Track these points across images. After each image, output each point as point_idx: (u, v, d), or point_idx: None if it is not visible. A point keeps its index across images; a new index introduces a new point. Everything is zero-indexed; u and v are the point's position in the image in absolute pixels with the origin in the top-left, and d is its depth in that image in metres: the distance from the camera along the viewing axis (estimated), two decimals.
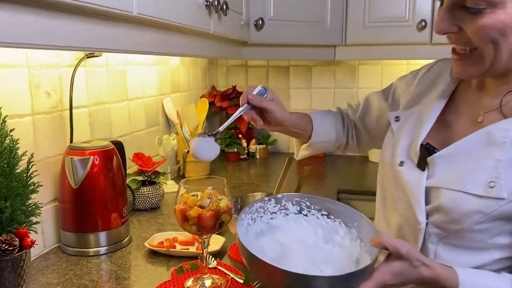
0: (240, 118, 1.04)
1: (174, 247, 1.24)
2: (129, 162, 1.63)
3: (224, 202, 0.99)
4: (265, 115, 1.07)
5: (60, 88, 1.30)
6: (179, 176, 2.08)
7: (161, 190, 1.63)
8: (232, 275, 1.08)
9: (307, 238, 0.87)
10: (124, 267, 1.16)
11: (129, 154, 1.60)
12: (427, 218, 0.85)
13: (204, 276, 1.04)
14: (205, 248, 1.02)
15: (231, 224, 1.06)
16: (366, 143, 1.29)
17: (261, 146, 2.44)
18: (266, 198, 0.92)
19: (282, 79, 2.57)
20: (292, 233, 0.89)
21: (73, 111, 1.35)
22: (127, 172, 1.60)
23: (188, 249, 1.22)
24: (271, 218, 0.92)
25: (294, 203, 0.94)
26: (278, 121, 1.08)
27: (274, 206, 0.93)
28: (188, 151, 2.01)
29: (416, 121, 0.98)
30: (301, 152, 1.25)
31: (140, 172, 1.62)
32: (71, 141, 1.32)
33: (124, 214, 1.30)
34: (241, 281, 1.05)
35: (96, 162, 1.23)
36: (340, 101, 2.49)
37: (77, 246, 1.24)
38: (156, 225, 1.45)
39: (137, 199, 1.58)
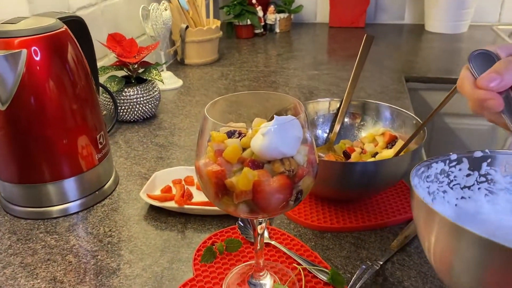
0: None
1: (190, 196, 0.75)
2: (101, 50, 1.05)
3: (303, 151, 0.47)
4: None
5: None
6: (176, 63, 1.50)
7: (155, 91, 1.08)
8: (306, 265, 0.61)
9: None
10: (110, 239, 0.68)
11: (99, 37, 1.02)
12: None
13: (260, 275, 0.57)
14: (260, 224, 0.53)
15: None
16: None
17: (282, 15, 1.82)
18: (453, 156, 0.47)
19: None
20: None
21: None
22: (100, 65, 1.04)
23: None
24: (462, 198, 0.51)
25: (506, 169, 0.46)
26: None
27: (468, 175, 0.46)
28: (187, 26, 1.41)
29: None
30: None
31: (120, 65, 1.05)
32: None
33: (100, 144, 0.78)
34: (325, 278, 0.58)
35: (36, 58, 0.67)
36: None
37: (28, 205, 0.74)
38: (154, 149, 0.95)
39: (121, 106, 1.04)
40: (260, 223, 0.53)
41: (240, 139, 0.47)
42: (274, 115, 0.45)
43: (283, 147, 0.44)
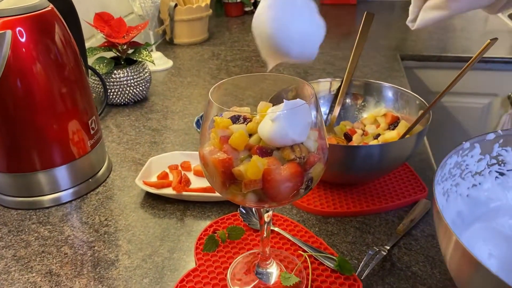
0: None
1: (188, 182, 0.73)
2: (89, 30, 1.00)
3: (313, 137, 0.44)
4: None
5: None
6: (164, 43, 1.46)
7: (146, 72, 1.04)
8: (311, 252, 0.59)
9: None
10: (106, 229, 0.65)
11: (86, 16, 0.97)
12: None
13: (267, 263, 0.55)
14: (267, 213, 0.51)
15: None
16: None
17: None
18: (466, 145, 0.44)
19: None
20: None
21: None
22: (87, 47, 0.99)
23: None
24: (473, 186, 0.50)
25: None
26: None
27: (479, 159, 0.46)
28: (176, 5, 1.36)
29: None
30: (427, 12, 0.61)
31: (109, 46, 1.01)
32: None
33: (92, 130, 0.74)
34: (332, 265, 0.56)
35: (22, 40, 0.63)
36: None
37: (19, 194, 0.71)
38: (147, 133, 0.91)
39: (111, 89, 1.00)
40: (267, 211, 0.51)
41: (246, 125, 0.45)
42: (284, 100, 0.42)
43: (294, 133, 0.41)
